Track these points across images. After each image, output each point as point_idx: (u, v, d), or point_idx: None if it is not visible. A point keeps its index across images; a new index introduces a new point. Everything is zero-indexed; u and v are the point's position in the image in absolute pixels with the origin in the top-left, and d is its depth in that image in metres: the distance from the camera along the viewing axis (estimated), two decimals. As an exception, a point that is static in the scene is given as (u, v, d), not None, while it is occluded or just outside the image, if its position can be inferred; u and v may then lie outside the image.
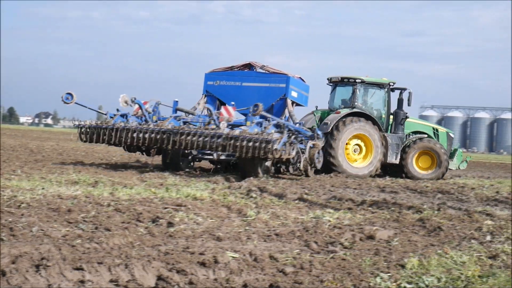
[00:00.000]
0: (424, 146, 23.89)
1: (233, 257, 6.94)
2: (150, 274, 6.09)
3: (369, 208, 12.20)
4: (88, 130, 19.33)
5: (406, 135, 24.13)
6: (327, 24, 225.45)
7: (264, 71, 21.48)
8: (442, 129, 25.66)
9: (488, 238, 9.21)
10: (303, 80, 22.47)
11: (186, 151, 19.58)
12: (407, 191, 16.57)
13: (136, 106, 19.87)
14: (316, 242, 8.22)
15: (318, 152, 19.48)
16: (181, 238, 8.11)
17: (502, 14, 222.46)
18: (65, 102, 19.54)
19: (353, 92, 23.16)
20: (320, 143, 20.03)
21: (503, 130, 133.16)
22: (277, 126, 18.90)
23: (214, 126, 18.42)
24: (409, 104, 23.87)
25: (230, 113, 18.96)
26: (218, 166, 21.35)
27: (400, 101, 23.92)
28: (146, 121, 19.57)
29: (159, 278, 6.06)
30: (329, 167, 21.87)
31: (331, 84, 23.86)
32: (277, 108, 20.86)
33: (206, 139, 17.85)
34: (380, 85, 23.64)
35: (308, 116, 23.61)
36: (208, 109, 19.40)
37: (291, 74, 21.37)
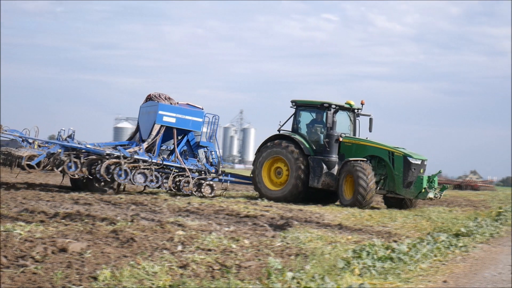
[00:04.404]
0: (347, 171, 21.47)
1: None
2: None
3: (62, 220, 12.02)
4: None
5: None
6: (20, 34, 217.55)
7: (155, 100, 23.01)
8: (398, 153, 21.86)
9: (180, 248, 9.47)
10: (194, 106, 23.48)
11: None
12: (101, 203, 16.59)
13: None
14: (6, 257, 7.92)
15: (140, 173, 21.06)
16: None
17: (192, 31, 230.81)
18: None
19: (293, 115, 23.50)
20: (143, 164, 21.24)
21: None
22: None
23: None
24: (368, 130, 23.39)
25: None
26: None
27: (334, 123, 22.55)
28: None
29: None
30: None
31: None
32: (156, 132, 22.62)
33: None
34: (317, 107, 22.94)
35: None
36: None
37: (167, 101, 22.91)
